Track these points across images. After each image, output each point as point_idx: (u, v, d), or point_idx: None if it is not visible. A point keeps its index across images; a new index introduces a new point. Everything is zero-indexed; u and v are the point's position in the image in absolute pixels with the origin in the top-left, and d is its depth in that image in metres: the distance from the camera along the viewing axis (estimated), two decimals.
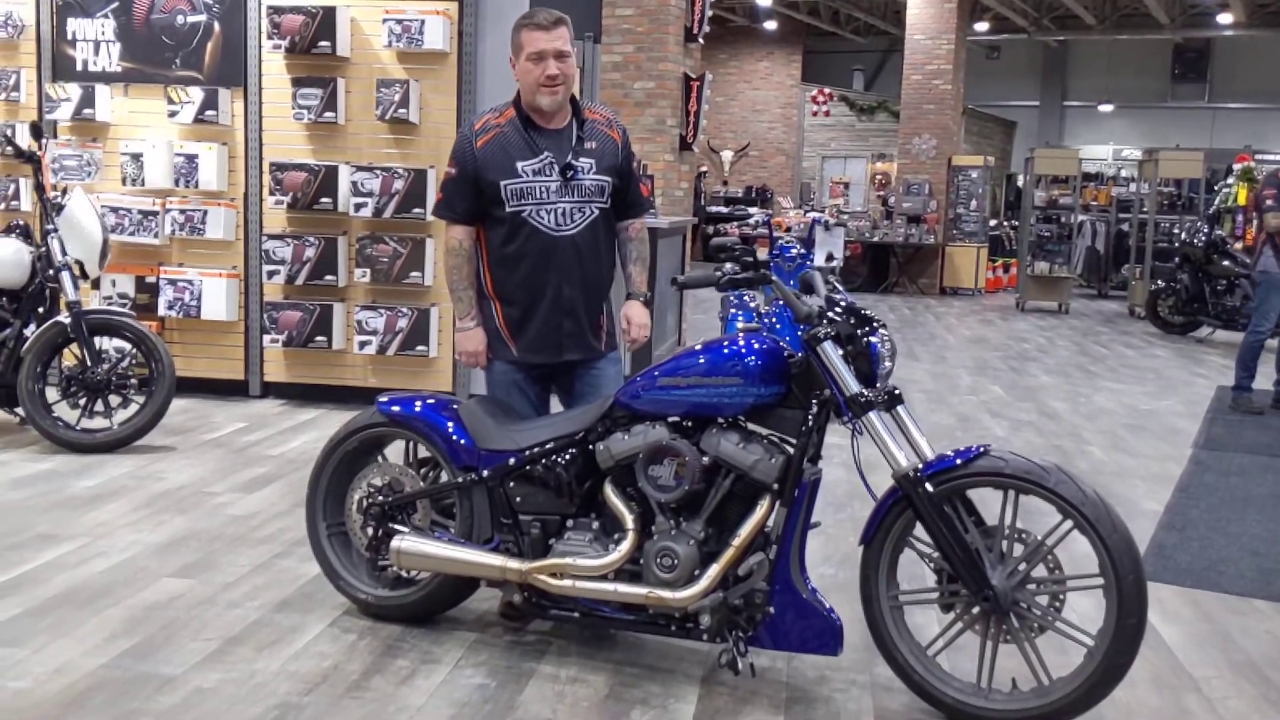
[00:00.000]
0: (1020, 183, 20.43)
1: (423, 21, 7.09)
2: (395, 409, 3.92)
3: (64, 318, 6.10)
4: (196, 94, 7.37)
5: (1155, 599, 4.42)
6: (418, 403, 3.93)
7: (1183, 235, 14.17)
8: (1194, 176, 16.63)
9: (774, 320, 7.47)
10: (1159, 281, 14.14)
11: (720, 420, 3.46)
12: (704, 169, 23.54)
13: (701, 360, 3.47)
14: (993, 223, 20.47)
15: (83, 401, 6.19)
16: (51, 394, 6.21)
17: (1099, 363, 11.25)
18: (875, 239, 18.58)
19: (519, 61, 3.87)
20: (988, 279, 18.98)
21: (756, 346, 3.44)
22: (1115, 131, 28.09)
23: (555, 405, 4.15)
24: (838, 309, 3.45)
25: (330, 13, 7.18)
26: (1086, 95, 28.35)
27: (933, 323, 14.49)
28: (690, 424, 3.51)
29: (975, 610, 3.29)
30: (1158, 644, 4.02)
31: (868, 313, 3.45)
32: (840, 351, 3.36)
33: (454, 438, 3.79)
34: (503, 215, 3.86)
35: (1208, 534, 5.39)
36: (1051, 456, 6.80)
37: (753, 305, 8.12)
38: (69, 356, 6.30)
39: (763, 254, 8.29)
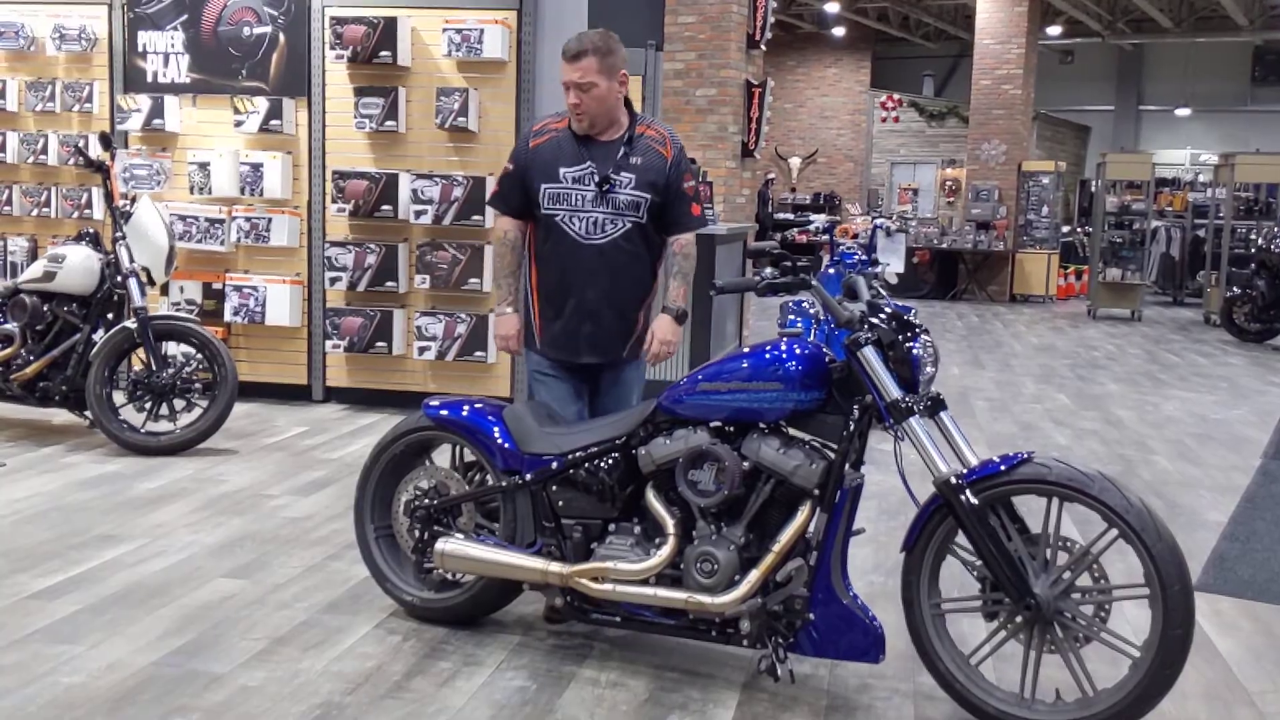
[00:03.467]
0: (1093, 188, 20.10)
1: (482, 31, 7.16)
2: (442, 413, 3.96)
3: (131, 323, 6.24)
4: (261, 104, 7.51)
5: (1213, 610, 4.35)
6: (464, 407, 3.97)
7: (1259, 241, 13.86)
8: (1272, 181, 16.27)
9: (832, 327, 7.43)
10: (1235, 288, 13.84)
11: (762, 425, 3.45)
12: (772, 176, 23.48)
13: (743, 365, 3.47)
14: (1065, 229, 20.18)
15: (148, 405, 6.32)
16: (118, 398, 6.36)
17: (1169, 371, 11.04)
18: (944, 245, 18.39)
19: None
20: (1059, 286, 18.70)
21: (798, 351, 3.43)
22: (1193, 136, 27.52)
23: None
24: (880, 314, 3.43)
25: (391, 23, 7.28)
26: (1163, 99, 27.81)
27: (1000, 330, 14.31)
28: (732, 429, 3.51)
29: (1018, 619, 3.24)
30: (1212, 656, 3.93)
31: (910, 318, 3.42)
32: (882, 357, 3.34)
33: (498, 441, 3.82)
34: (539, 216, 4.05)
35: (1272, 546, 5.26)
36: (1114, 466, 6.69)
37: (812, 311, 8.08)
38: (136, 361, 6.45)
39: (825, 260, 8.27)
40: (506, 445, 3.81)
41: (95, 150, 7.26)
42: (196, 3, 7.64)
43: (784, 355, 3.42)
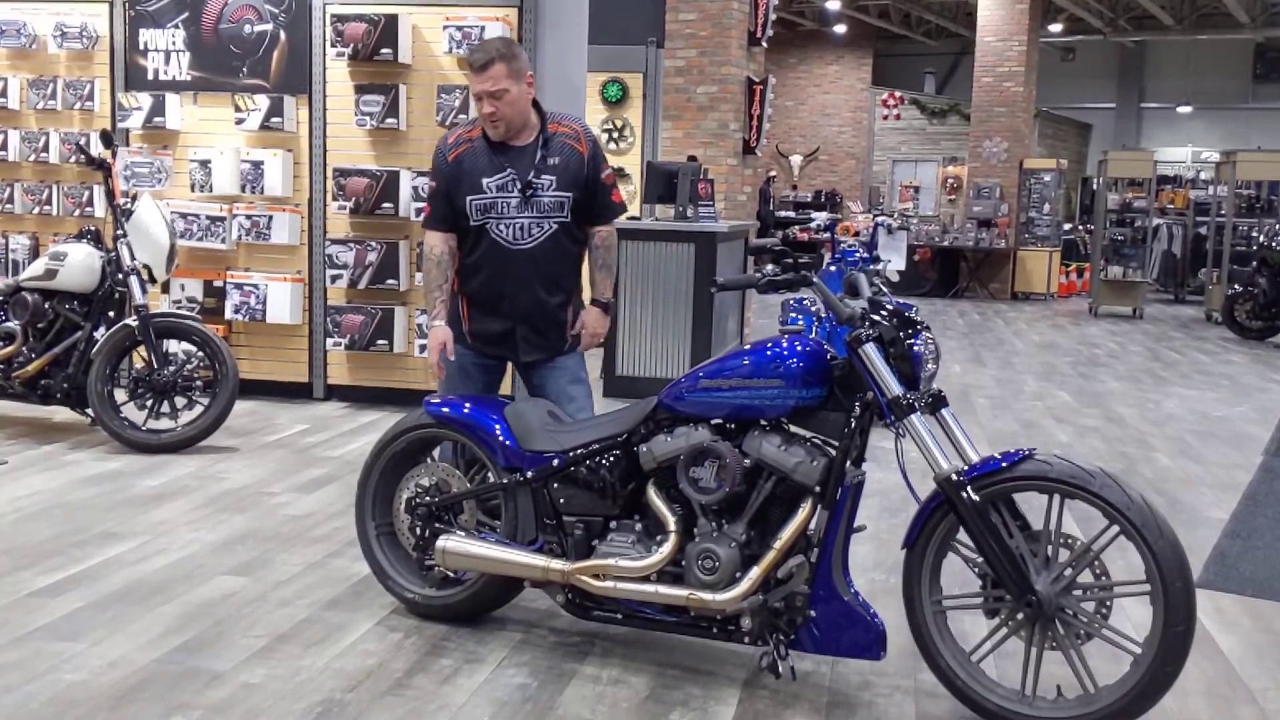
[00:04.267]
0: (1095, 186, 20.09)
1: (482, 28, 7.15)
2: (443, 410, 3.96)
3: (132, 321, 6.24)
4: (262, 101, 7.51)
5: (1214, 607, 4.35)
6: (465, 404, 3.97)
7: (1261, 238, 13.85)
8: (1274, 179, 16.25)
9: (833, 324, 7.42)
10: (1236, 286, 13.83)
11: (763, 422, 3.45)
12: (773, 174, 23.47)
13: (745, 362, 3.47)
14: (1067, 227, 20.16)
15: (149, 403, 6.32)
16: (120, 395, 6.36)
17: (1171, 368, 11.03)
18: (945, 243, 18.39)
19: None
20: (1060, 284, 18.69)
21: (799, 348, 3.43)
22: (1194, 133, 27.52)
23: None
24: (882, 311, 3.43)
25: (392, 20, 7.28)
26: (1164, 97, 27.81)
27: (1002, 328, 14.31)
28: (733, 426, 3.51)
29: (1019, 616, 3.24)
30: (1214, 653, 3.93)
31: (911, 315, 3.42)
32: (883, 353, 3.34)
33: (499, 439, 3.83)
34: (467, 227, 4.10)
35: (1273, 543, 5.26)
36: (1116, 463, 6.69)
37: (813, 309, 8.07)
38: (137, 359, 6.45)
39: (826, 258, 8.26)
40: (508, 443, 3.81)
41: (96, 148, 7.26)
42: (197, 0, 7.64)
43: (785, 352, 3.42)
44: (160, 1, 7.68)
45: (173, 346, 6.42)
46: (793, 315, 8.06)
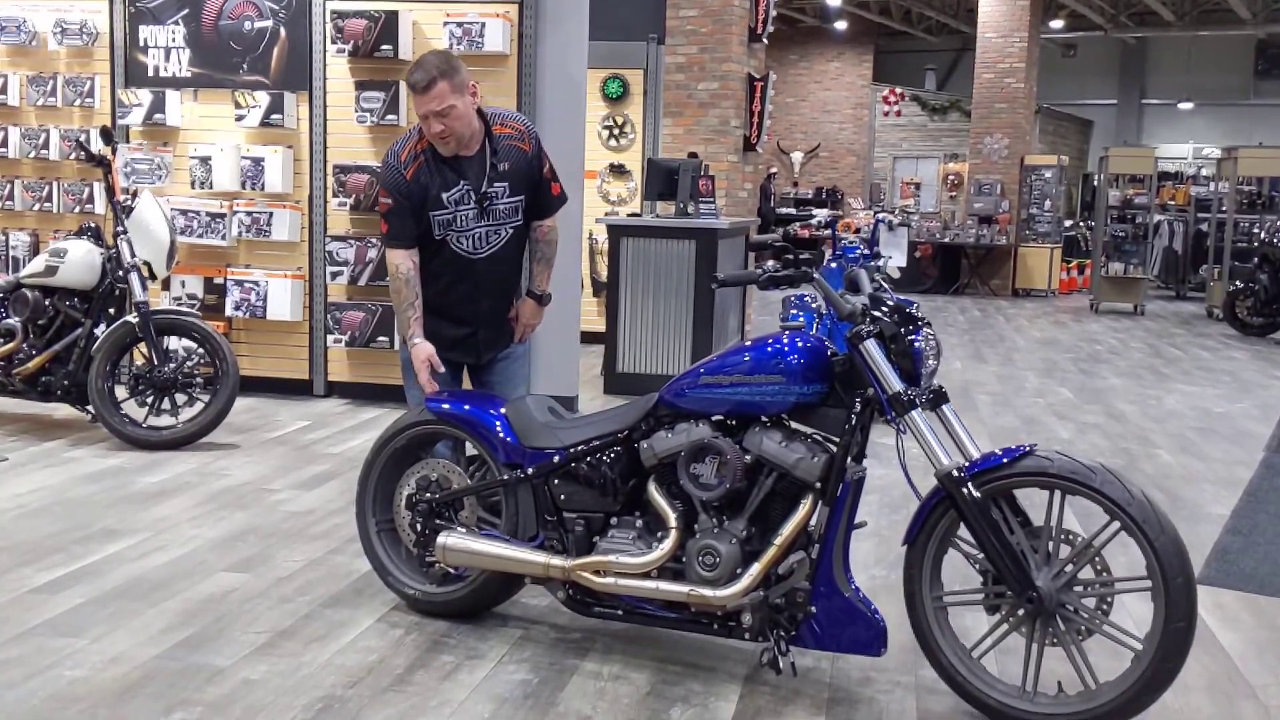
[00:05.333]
0: (1096, 183, 20.09)
1: (483, 24, 7.15)
2: (444, 407, 3.96)
3: (132, 318, 6.24)
4: (263, 98, 7.51)
5: (1215, 604, 4.35)
6: (466, 401, 3.97)
7: (1262, 235, 13.84)
8: (1275, 175, 16.23)
9: (834, 320, 7.42)
10: (1237, 282, 13.82)
11: (764, 419, 3.45)
12: (774, 170, 23.46)
13: (745, 358, 3.46)
14: (1068, 223, 20.15)
15: (150, 399, 6.32)
16: (120, 392, 6.36)
17: (1172, 365, 11.03)
18: (946, 240, 18.38)
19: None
20: (1061, 280, 18.69)
21: (800, 344, 3.43)
22: (1195, 130, 27.50)
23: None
24: (883, 307, 3.42)
25: (392, 17, 7.27)
26: (1166, 93, 27.78)
27: (1003, 324, 14.30)
28: (734, 422, 3.51)
29: (1020, 612, 3.24)
30: (1215, 649, 3.93)
31: (912, 311, 3.41)
32: (884, 349, 3.33)
33: (500, 435, 3.82)
34: (429, 241, 4.08)
35: (1274, 539, 5.26)
36: (1117, 460, 6.69)
37: (814, 306, 8.07)
38: (137, 356, 6.45)
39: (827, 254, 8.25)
40: (508, 439, 3.81)
41: (96, 145, 7.26)
42: None
43: (786, 348, 3.41)
44: None
45: (173, 343, 6.41)
46: (793, 312, 8.05)
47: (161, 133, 7.73)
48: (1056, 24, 22.52)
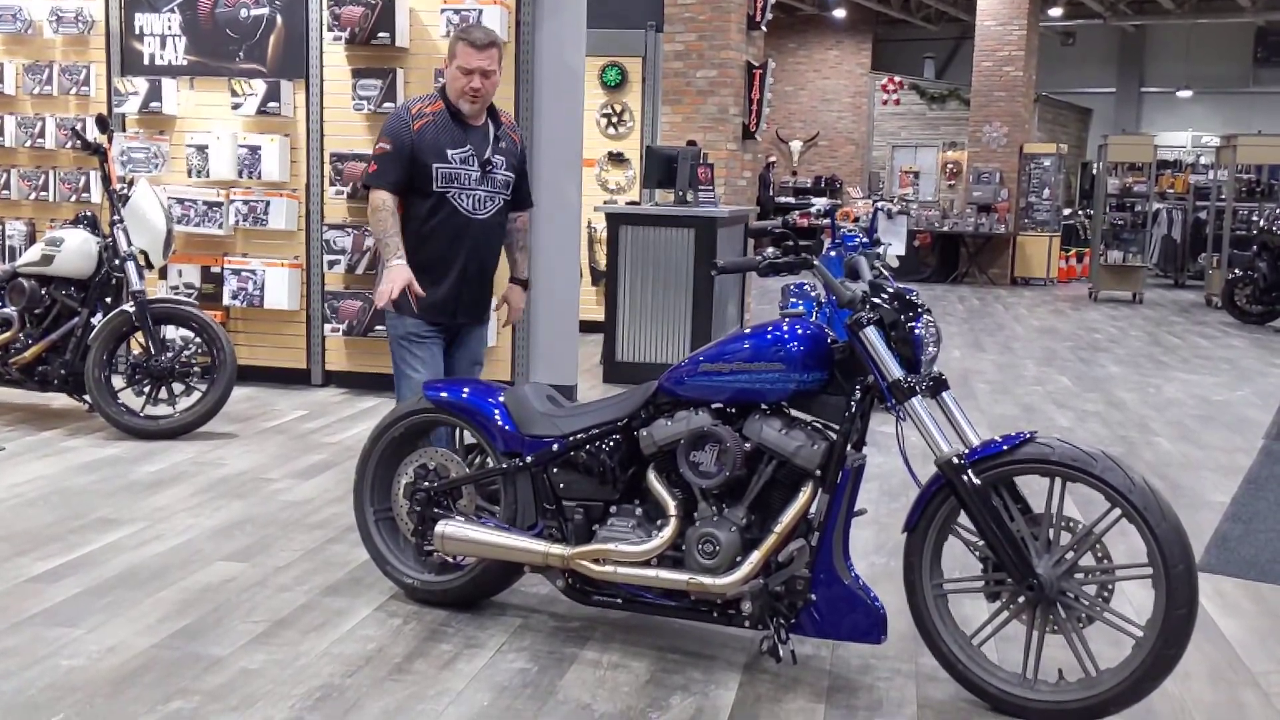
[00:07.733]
0: (1095, 171, 20.05)
1: (480, 12, 7.11)
2: (442, 395, 3.95)
3: (129, 307, 6.22)
4: (259, 86, 7.48)
5: (1216, 591, 4.34)
6: (464, 389, 3.96)
7: (1261, 222, 13.82)
8: (1274, 163, 16.22)
9: (834, 307, 7.39)
10: (1236, 270, 13.81)
11: (763, 406, 3.43)
12: (773, 159, 23.42)
13: (745, 346, 3.45)
14: (1067, 211, 20.13)
15: (147, 389, 6.30)
16: (117, 381, 6.34)
17: (1171, 353, 11.01)
18: (945, 228, 18.35)
19: (450, 67, 4.33)
20: (1060, 269, 18.67)
21: (800, 332, 3.41)
22: (1195, 118, 27.45)
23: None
24: (883, 294, 3.41)
25: (389, 4, 7.23)
26: (1165, 81, 27.72)
27: (1002, 313, 14.29)
28: (734, 410, 3.49)
29: (1021, 599, 3.23)
30: (1216, 637, 3.92)
31: (912, 298, 3.40)
32: (884, 337, 3.32)
33: (498, 423, 3.81)
34: (429, 193, 4.32)
35: (1275, 526, 5.25)
36: (1117, 448, 6.68)
37: (814, 294, 8.05)
38: (134, 345, 6.43)
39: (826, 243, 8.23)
40: (507, 427, 3.79)
41: (93, 133, 7.21)
42: None
43: (786, 336, 3.40)
44: None
45: (170, 332, 6.40)
46: (793, 299, 8.03)
47: (158, 121, 7.71)
48: (1055, 12, 22.46)
